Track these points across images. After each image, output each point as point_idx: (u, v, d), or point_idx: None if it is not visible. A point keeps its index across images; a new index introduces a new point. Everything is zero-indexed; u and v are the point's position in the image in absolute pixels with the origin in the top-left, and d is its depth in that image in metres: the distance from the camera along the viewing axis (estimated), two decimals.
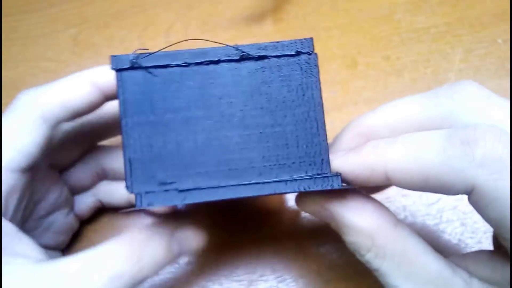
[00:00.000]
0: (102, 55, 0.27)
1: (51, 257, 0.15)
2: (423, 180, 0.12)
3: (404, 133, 0.13)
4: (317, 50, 0.29)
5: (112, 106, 0.18)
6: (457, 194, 0.12)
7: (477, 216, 0.21)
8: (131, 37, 0.27)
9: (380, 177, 0.12)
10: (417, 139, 0.12)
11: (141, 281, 0.15)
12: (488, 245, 0.21)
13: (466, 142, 0.11)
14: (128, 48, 0.27)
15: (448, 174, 0.11)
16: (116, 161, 0.20)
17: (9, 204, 0.15)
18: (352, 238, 0.13)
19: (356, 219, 0.13)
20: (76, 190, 0.20)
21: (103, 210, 0.22)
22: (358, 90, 0.25)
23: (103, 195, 0.21)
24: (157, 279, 0.21)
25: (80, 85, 0.16)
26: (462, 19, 0.26)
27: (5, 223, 0.15)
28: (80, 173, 0.20)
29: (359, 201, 0.13)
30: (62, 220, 0.19)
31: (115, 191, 0.21)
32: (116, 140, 0.24)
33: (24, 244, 0.15)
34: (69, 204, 0.20)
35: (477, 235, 0.21)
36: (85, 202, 0.21)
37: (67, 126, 0.18)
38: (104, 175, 0.20)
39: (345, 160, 0.13)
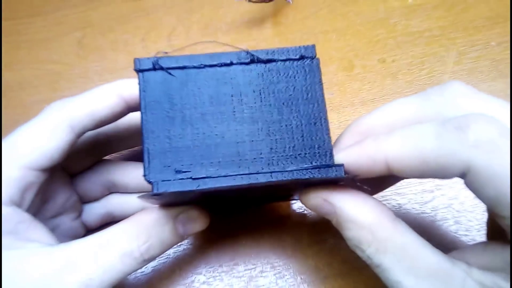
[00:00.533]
0: (106, 58, 0.28)
1: None
2: (421, 165, 0.12)
3: None
4: None
5: (128, 119, 0.19)
6: (454, 177, 0.12)
7: (471, 215, 0.22)
8: (135, 40, 0.28)
9: (381, 166, 0.13)
10: (414, 129, 0.13)
11: (150, 259, 0.16)
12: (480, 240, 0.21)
13: (459, 127, 0.12)
14: (132, 51, 0.28)
15: (445, 157, 0.12)
16: (127, 175, 0.20)
17: (26, 198, 0.16)
18: (353, 233, 0.14)
19: (358, 212, 0.13)
20: (85, 199, 0.21)
21: None
22: (354, 92, 0.25)
23: (115, 207, 0.21)
24: (158, 275, 0.22)
25: (107, 96, 0.17)
26: (456, 22, 0.27)
27: (21, 212, 0.16)
28: (90, 183, 0.20)
29: (360, 196, 0.14)
30: (67, 225, 0.20)
31: (127, 203, 0.21)
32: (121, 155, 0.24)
33: (39, 231, 0.16)
34: (77, 210, 0.20)
35: (471, 233, 0.22)
36: (94, 213, 0.21)
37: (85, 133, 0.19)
38: (114, 189, 0.21)
39: (348, 153, 0.14)
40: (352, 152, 0.14)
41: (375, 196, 0.22)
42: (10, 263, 0.14)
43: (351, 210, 0.14)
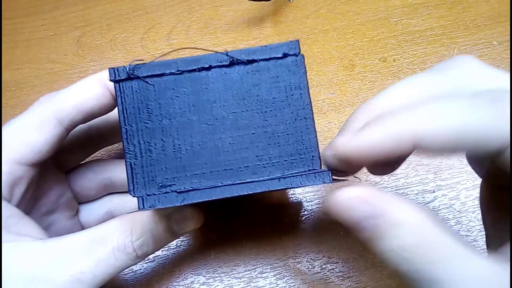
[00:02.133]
0: (105, 57, 0.27)
1: None
2: (457, 140, 0.11)
3: None
4: (315, 52, 0.30)
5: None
6: (489, 152, 0.11)
7: (472, 215, 0.22)
8: (134, 39, 0.28)
9: (406, 145, 0.11)
10: (444, 102, 0.11)
11: (143, 256, 0.16)
12: (483, 244, 0.21)
13: (495, 100, 0.11)
14: (131, 50, 0.28)
15: (483, 131, 0.11)
16: (124, 173, 0.20)
17: (15, 193, 0.16)
18: (401, 241, 0.11)
19: (406, 214, 0.11)
20: (82, 198, 0.21)
21: None
22: (355, 92, 0.25)
23: (114, 206, 0.21)
24: (157, 276, 0.21)
25: (92, 87, 0.16)
26: (458, 21, 0.27)
27: (11, 207, 0.16)
28: (86, 181, 0.20)
29: (398, 197, 0.12)
30: (63, 223, 0.20)
31: (126, 202, 0.21)
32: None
33: (30, 226, 0.16)
34: (72, 208, 0.20)
35: (472, 234, 0.21)
36: (94, 213, 0.21)
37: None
38: (112, 187, 0.21)
39: (367, 135, 0.12)
40: (372, 133, 0.12)
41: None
42: (1, 256, 0.14)
43: (397, 210, 0.11)
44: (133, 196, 0.13)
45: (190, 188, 0.13)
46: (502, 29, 0.26)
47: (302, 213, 0.22)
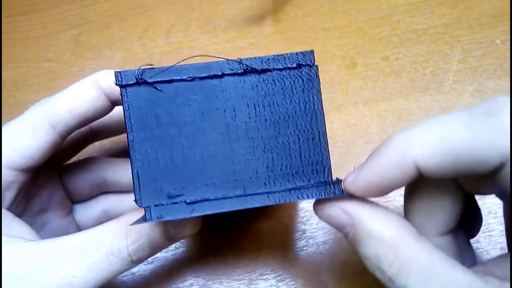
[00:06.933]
0: (103, 56, 0.27)
1: None
2: (455, 161, 0.11)
3: None
4: (316, 51, 0.29)
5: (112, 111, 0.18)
6: (490, 169, 0.11)
7: None
8: (132, 38, 0.27)
9: (410, 171, 0.11)
10: (439, 122, 0.11)
11: (138, 261, 0.15)
12: (485, 243, 0.21)
13: (490, 114, 0.11)
14: (129, 48, 0.27)
15: (481, 148, 0.11)
16: (117, 172, 0.20)
17: (6, 197, 0.16)
18: (372, 250, 0.12)
19: (378, 226, 0.12)
20: (75, 196, 0.20)
21: None
22: (357, 91, 0.25)
23: (111, 205, 0.21)
24: (156, 278, 0.21)
25: (85, 90, 0.16)
26: (461, 20, 0.26)
27: (2, 210, 0.16)
28: (79, 179, 0.20)
29: (381, 209, 0.13)
30: (57, 222, 0.19)
31: (122, 202, 0.21)
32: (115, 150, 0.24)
33: (21, 228, 0.16)
34: (65, 207, 0.20)
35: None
36: (89, 212, 0.20)
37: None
38: (105, 186, 0.20)
39: (371, 169, 0.12)
40: (375, 167, 0.12)
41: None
42: (0, 259, 0.14)
43: (371, 223, 0.12)
44: (140, 206, 0.12)
45: (200, 199, 0.12)
46: (505, 27, 0.26)
47: (303, 214, 0.22)
